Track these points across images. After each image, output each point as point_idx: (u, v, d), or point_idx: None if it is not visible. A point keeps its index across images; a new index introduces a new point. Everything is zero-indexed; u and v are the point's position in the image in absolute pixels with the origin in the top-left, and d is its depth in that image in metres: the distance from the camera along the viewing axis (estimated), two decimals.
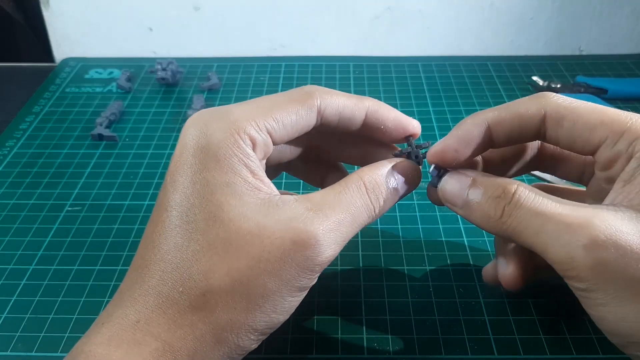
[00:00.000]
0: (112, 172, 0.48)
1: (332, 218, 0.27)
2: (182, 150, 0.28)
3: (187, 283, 0.25)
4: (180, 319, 0.25)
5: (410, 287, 0.37)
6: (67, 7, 0.65)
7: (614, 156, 0.27)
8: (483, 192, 0.29)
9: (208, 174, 0.26)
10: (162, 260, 0.26)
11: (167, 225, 0.26)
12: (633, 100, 0.56)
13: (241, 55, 0.66)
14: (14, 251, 0.40)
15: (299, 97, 0.30)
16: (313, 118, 0.30)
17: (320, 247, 0.26)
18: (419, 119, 0.53)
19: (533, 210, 0.26)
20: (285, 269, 0.26)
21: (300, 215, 0.26)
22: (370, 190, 0.29)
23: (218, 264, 0.25)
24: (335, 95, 0.31)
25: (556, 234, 0.25)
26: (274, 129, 0.28)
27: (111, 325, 0.25)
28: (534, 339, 0.33)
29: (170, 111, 0.56)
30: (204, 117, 0.28)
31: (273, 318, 0.26)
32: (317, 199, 0.28)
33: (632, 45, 0.66)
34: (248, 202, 0.26)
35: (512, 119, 0.30)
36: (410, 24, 0.65)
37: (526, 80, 0.60)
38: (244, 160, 0.27)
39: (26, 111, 0.56)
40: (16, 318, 0.35)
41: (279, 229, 0.26)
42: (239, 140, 0.27)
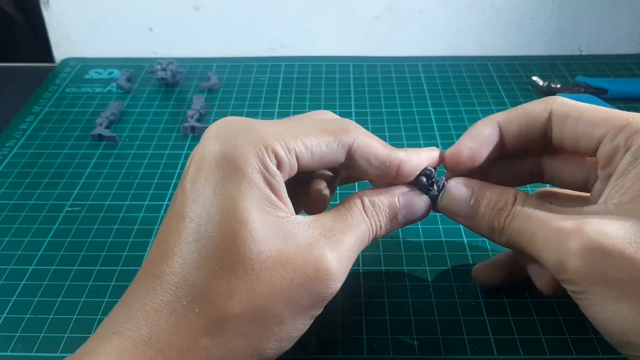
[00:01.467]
0: (112, 172, 0.48)
1: (345, 244, 0.27)
2: (206, 157, 0.26)
3: (203, 305, 0.24)
4: (193, 343, 0.24)
5: (410, 287, 0.37)
6: (67, 7, 0.65)
7: (613, 150, 0.28)
8: (486, 204, 0.29)
9: (232, 186, 0.25)
10: (177, 274, 0.25)
11: (183, 235, 0.25)
12: (633, 100, 0.56)
13: (241, 55, 0.66)
14: (14, 251, 0.40)
15: (334, 130, 0.28)
16: (342, 156, 0.28)
17: (338, 276, 0.26)
18: (418, 119, 0.54)
19: (528, 218, 0.28)
20: (304, 296, 0.26)
21: (318, 241, 0.26)
22: (369, 213, 0.29)
23: (237, 287, 0.24)
24: (370, 138, 0.29)
25: (547, 240, 0.26)
26: (302, 154, 0.27)
27: (122, 338, 0.24)
28: (534, 339, 0.33)
29: (170, 111, 0.56)
30: (232, 126, 0.27)
31: (283, 345, 0.26)
32: (328, 224, 0.27)
33: (632, 45, 0.66)
34: (269, 222, 0.25)
35: (519, 117, 0.31)
36: (410, 24, 0.65)
37: (526, 80, 0.60)
38: (268, 179, 0.26)
39: (26, 111, 0.56)
40: (16, 318, 0.35)
41: (300, 257, 0.25)
42: (265, 156, 0.26)
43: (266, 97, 0.58)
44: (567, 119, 0.30)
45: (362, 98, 0.58)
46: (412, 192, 0.31)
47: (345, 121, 0.29)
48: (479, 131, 0.31)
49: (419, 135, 0.51)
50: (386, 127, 0.53)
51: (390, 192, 0.30)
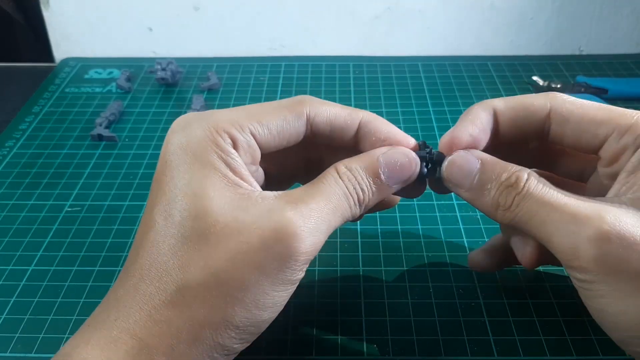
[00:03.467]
0: (111, 172, 0.48)
1: (311, 206, 0.26)
2: (165, 151, 0.28)
3: (163, 278, 0.25)
4: (156, 315, 0.24)
5: (409, 288, 0.37)
6: (67, 7, 0.65)
7: (620, 150, 0.28)
8: (494, 178, 0.28)
9: (187, 169, 0.26)
10: (142, 257, 0.26)
11: (147, 223, 0.26)
12: (633, 100, 0.56)
13: (241, 55, 0.66)
14: (14, 252, 0.40)
15: (288, 104, 0.29)
16: (302, 125, 0.29)
17: (301, 235, 0.25)
18: (419, 119, 0.54)
19: (541, 200, 0.27)
20: (266, 259, 0.25)
21: (280, 207, 0.26)
22: (343, 176, 0.28)
23: (194, 258, 0.25)
24: (327, 104, 0.30)
25: (562, 224, 0.26)
26: (258, 132, 0.28)
27: (93, 325, 0.25)
28: (534, 340, 0.33)
29: (170, 111, 0.56)
30: (185, 119, 0.28)
31: (255, 314, 0.26)
32: (297, 192, 0.27)
33: (632, 45, 0.66)
34: (226, 196, 0.26)
35: (518, 108, 0.30)
36: (410, 24, 0.65)
37: (526, 80, 0.60)
38: (223, 157, 0.27)
39: (26, 111, 0.56)
40: (15, 319, 0.35)
41: (257, 221, 0.25)
42: (218, 137, 0.27)
43: (266, 97, 0.58)
44: (569, 116, 0.29)
45: (362, 98, 0.58)
46: (393, 150, 0.30)
47: (301, 96, 0.30)
48: (478, 116, 0.30)
49: (419, 135, 0.51)
50: None
51: (369, 153, 0.30)
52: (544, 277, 0.37)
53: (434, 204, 0.43)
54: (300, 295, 0.36)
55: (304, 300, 0.36)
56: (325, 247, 0.39)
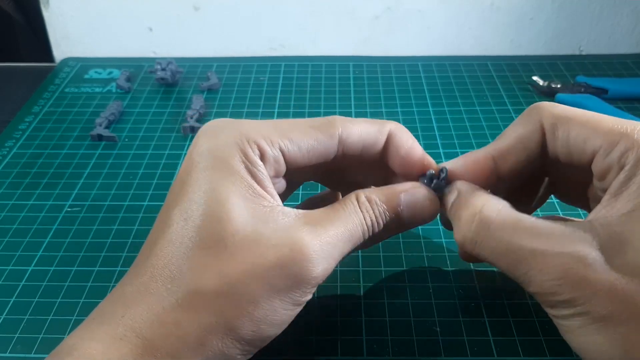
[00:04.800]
0: (111, 172, 0.48)
1: (330, 232, 0.27)
2: (192, 152, 0.28)
3: (175, 280, 0.25)
4: (164, 317, 0.24)
5: (409, 288, 0.37)
6: (67, 7, 0.65)
7: (606, 167, 0.27)
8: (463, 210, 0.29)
9: (216, 175, 0.26)
10: (155, 256, 0.25)
11: (165, 221, 0.26)
12: (633, 100, 0.56)
13: (241, 55, 0.66)
14: (13, 252, 0.40)
15: (321, 125, 0.29)
16: (334, 146, 0.30)
17: (316, 259, 0.26)
18: (419, 119, 0.54)
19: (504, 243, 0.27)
20: (279, 278, 0.25)
21: (299, 227, 0.26)
22: (362, 206, 0.29)
23: (210, 264, 0.25)
24: (357, 123, 0.30)
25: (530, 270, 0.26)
26: (287, 148, 0.28)
27: (99, 319, 0.25)
28: (534, 341, 0.33)
29: (170, 111, 0.56)
30: (216, 124, 0.29)
31: (262, 329, 0.26)
32: (317, 214, 0.28)
33: (632, 45, 0.66)
34: (249, 206, 0.26)
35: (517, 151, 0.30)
36: (410, 24, 0.65)
37: (526, 80, 0.60)
38: (249, 168, 0.27)
39: (25, 111, 0.56)
40: (15, 319, 0.35)
41: (276, 237, 0.25)
42: (247, 147, 0.27)
43: (266, 97, 0.58)
44: (557, 132, 0.29)
45: (362, 98, 0.58)
46: (417, 189, 0.30)
47: (332, 116, 0.30)
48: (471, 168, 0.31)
49: (419, 135, 0.51)
50: None
51: (392, 188, 0.30)
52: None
53: None
54: None
55: None
56: None
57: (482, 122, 0.54)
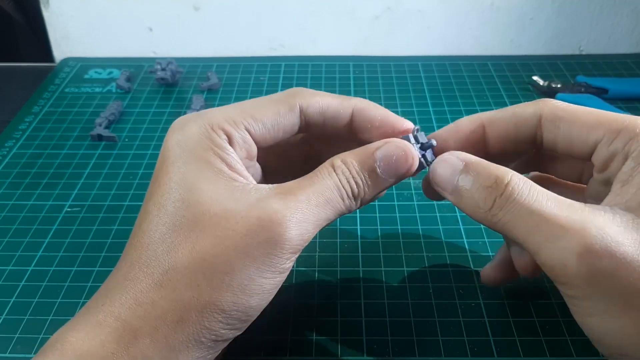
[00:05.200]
0: (111, 172, 0.48)
1: (299, 197, 0.27)
2: (163, 148, 0.28)
3: (151, 263, 0.25)
4: (141, 298, 0.25)
5: (409, 288, 0.37)
6: (67, 7, 0.65)
7: (610, 155, 0.27)
8: (474, 179, 0.28)
9: (183, 164, 0.27)
10: (133, 247, 0.26)
11: (141, 215, 0.27)
12: (633, 100, 0.56)
13: (241, 55, 0.66)
14: (13, 252, 0.40)
15: (281, 97, 0.30)
16: (296, 117, 0.30)
17: (287, 224, 0.26)
18: (419, 119, 0.54)
19: (527, 207, 0.25)
20: (251, 246, 0.25)
21: (269, 197, 0.26)
22: (339, 172, 0.28)
23: (182, 242, 0.25)
24: (319, 95, 0.31)
25: (550, 237, 0.25)
26: (253, 127, 0.29)
27: (82, 313, 0.25)
28: (534, 341, 0.33)
29: (170, 111, 0.56)
30: (183, 119, 0.29)
31: (242, 299, 0.25)
32: (289, 184, 0.28)
33: (632, 45, 0.66)
34: (220, 187, 0.27)
35: (507, 118, 0.30)
36: (410, 24, 0.65)
37: (526, 80, 0.60)
38: (218, 153, 0.27)
39: (25, 111, 0.56)
40: (15, 319, 0.35)
41: (246, 209, 0.26)
42: (213, 134, 0.28)
43: None
44: (559, 122, 0.29)
45: (362, 98, 0.58)
46: (390, 143, 0.29)
47: (293, 88, 0.31)
48: (460, 127, 0.31)
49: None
50: None
51: (365, 148, 0.29)
52: (544, 277, 0.37)
53: (434, 204, 0.43)
54: (300, 296, 0.36)
55: (304, 300, 0.36)
56: (325, 248, 0.40)
57: None
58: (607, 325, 0.24)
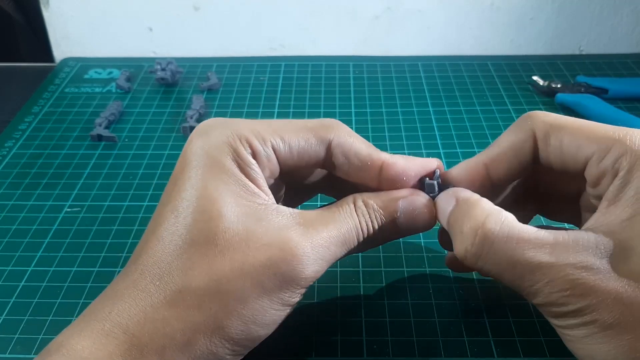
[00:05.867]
0: (111, 172, 0.48)
1: (322, 234, 0.27)
2: (186, 151, 0.28)
3: (164, 277, 0.25)
4: (152, 313, 0.24)
5: (409, 288, 0.37)
6: (67, 7, 0.64)
7: (600, 174, 0.27)
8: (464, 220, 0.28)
9: (205, 172, 0.26)
10: (146, 254, 0.25)
11: (157, 220, 0.26)
12: (633, 100, 0.56)
13: (241, 55, 0.66)
14: (13, 252, 0.40)
15: (314, 126, 0.29)
16: (323, 151, 0.29)
17: (307, 261, 0.26)
18: (419, 119, 0.54)
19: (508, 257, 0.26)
20: (268, 277, 0.25)
21: (291, 227, 0.26)
22: (359, 210, 0.28)
23: (199, 261, 0.25)
24: (352, 137, 0.29)
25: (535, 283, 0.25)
26: (279, 147, 0.28)
27: (88, 316, 0.25)
28: (534, 342, 0.33)
29: (170, 111, 0.56)
30: (209, 123, 0.28)
31: (252, 329, 0.25)
32: (312, 214, 0.27)
33: (632, 45, 0.66)
34: (241, 204, 0.26)
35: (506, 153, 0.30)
36: (410, 24, 0.65)
37: (526, 80, 0.60)
38: (242, 166, 0.27)
39: (25, 111, 0.56)
40: (15, 320, 0.35)
41: (267, 236, 0.25)
42: (239, 145, 0.27)
43: (266, 97, 0.58)
44: (549, 139, 0.28)
45: (362, 98, 0.58)
46: (415, 197, 0.30)
47: (329, 120, 0.30)
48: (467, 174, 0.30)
49: (419, 135, 0.51)
50: (386, 127, 0.53)
51: (390, 194, 0.30)
52: None
53: None
54: None
55: (303, 301, 0.36)
56: None
57: (482, 122, 0.53)
58: (591, 352, 0.25)
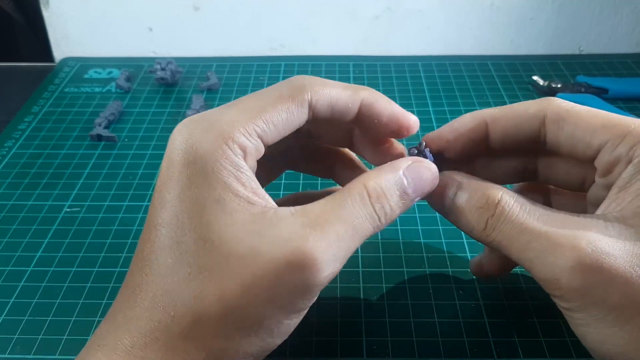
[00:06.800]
0: (111, 172, 0.48)
1: (331, 234, 0.25)
2: (169, 165, 0.26)
3: (178, 308, 0.24)
4: (173, 346, 0.24)
5: (409, 289, 0.37)
6: (66, 7, 0.64)
7: (613, 160, 0.27)
8: (467, 200, 0.28)
9: (197, 190, 0.25)
10: (153, 282, 0.25)
11: (157, 244, 0.25)
12: (634, 100, 0.56)
13: (241, 55, 0.66)
14: (13, 252, 0.40)
15: (289, 92, 0.27)
16: (305, 114, 0.28)
17: (319, 267, 0.24)
18: (419, 119, 0.54)
19: (518, 225, 0.26)
20: (280, 293, 0.24)
21: (296, 234, 0.24)
22: (374, 198, 0.26)
23: (209, 288, 0.24)
24: (328, 86, 0.28)
25: (542, 253, 0.25)
26: (264, 131, 0.26)
27: (106, 349, 0.24)
28: (534, 342, 0.33)
29: (170, 111, 0.56)
30: (190, 127, 0.26)
31: (269, 342, 0.25)
32: (316, 212, 0.25)
33: (632, 45, 0.66)
34: (240, 219, 0.25)
35: (510, 116, 0.30)
36: (410, 24, 0.65)
37: (526, 80, 0.60)
38: (234, 173, 0.25)
39: (25, 111, 0.56)
40: (14, 320, 0.35)
41: (273, 250, 0.24)
42: (228, 151, 0.25)
43: None
44: (563, 123, 0.28)
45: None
46: (418, 164, 0.28)
47: (299, 78, 0.28)
48: (462, 125, 0.30)
49: (419, 135, 0.51)
50: None
51: (393, 167, 0.28)
52: None
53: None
54: None
55: None
56: None
57: None
58: (601, 336, 0.24)
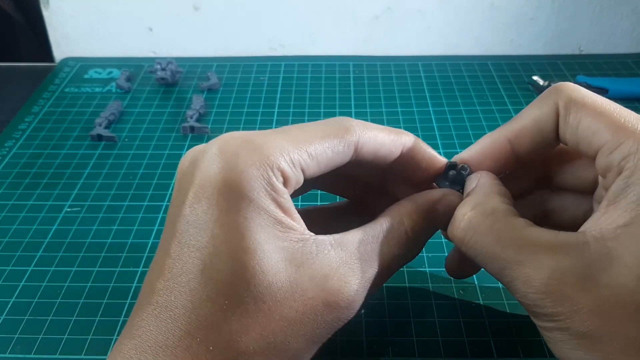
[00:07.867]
0: (111, 172, 0.48)
1: (368, 274, 0.26)
2: (206, 182, 0.24)
3: (217, 343, 0.23)
4: None
5: (409, 289, 0.37)
6: (67, 7, 0.64)
7: (606, 166, 0.26)
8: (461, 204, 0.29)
9: (238, 215, 0.24)
10: (187, 308, 0.23)
11: (189, 265, 0.23)
12: (634, 100, 0.56)
13: (241, 55, 0.66)
14: (13, 252, 0.40)
15: (336, 131, 0.27)
16: (349, 156, 0.27)
17: (354, 307, 0.26)
18: (418, 119, 0.54)
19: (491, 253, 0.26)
20: (318, 329, 0.25)
21: (336, 272, 0.25)
22: (413, 239, 0.28)
23: (250, 324, 0.23)
24: (373, 130, 0.28)
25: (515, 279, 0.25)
26: (307, 165, 0.26)
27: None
28: (534, 342, 0.33)
29: (170, 111, 0.56)
30: (232, 146, 0.25)
31: None
32: (355, 245, 0.26)
33: (632, 45, 0.66)
34: (280, 247, 0.24)
35: (530, 127, 0.29)
36: (410, 24, 0.65)
37: (526, 80, 0.60)
38: (276, 200, 0.24)
39: (25, 111, 0.56)
40: (15, 320, 0.35)
41: (312, 289, 0.24)
42: (272, 178, 0.24)
43: (266, 97, 0.58)
44: (568, 117, 0.27)
45: (362, 98, 0.58)
46: (449, 195, 0.29)
47: (346, 119, 0.28)
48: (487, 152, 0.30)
49: (419, 135, 0.51)
50: None
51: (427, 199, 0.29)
52: None
53: None
54: None
55: None
56: None
57: (482, 122, 0.53)
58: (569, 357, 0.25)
